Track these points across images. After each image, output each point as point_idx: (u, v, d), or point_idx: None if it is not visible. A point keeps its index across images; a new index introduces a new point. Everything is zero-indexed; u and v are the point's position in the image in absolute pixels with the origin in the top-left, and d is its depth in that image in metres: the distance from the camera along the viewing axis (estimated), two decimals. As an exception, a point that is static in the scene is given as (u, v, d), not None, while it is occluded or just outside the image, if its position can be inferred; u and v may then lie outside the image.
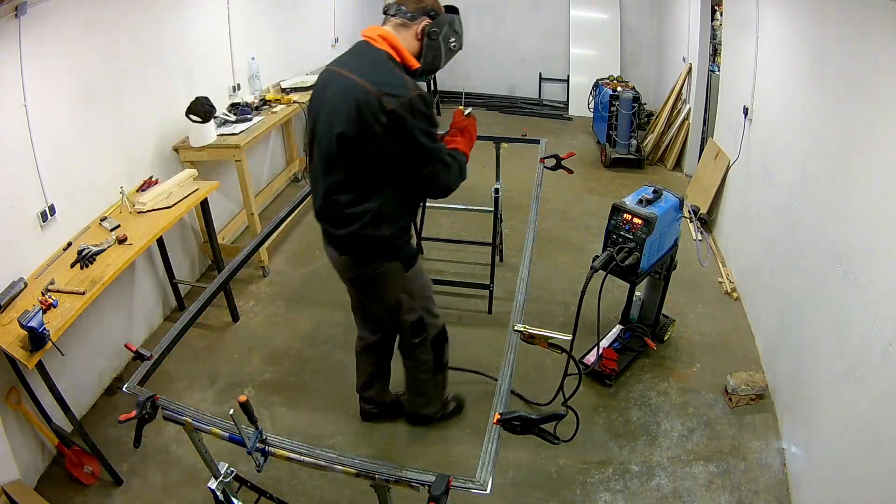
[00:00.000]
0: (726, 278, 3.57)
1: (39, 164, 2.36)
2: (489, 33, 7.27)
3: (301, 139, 5.28)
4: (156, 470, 2.39)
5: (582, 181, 5.08)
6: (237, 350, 3.09)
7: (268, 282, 3.70)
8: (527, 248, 2.09)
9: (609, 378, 2.78)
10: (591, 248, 3.83)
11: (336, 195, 1.86)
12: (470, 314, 3.22)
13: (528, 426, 1.31)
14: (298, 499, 2.24)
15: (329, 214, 1.92)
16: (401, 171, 1.83)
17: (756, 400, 2.65)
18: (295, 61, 4.98)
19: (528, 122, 6.82)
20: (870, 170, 1.99)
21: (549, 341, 1.55)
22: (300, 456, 1.33)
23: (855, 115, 2.15)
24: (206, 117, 3.28)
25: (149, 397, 1.41)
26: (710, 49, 4.93)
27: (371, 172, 1.82)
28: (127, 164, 2.99)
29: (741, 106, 3.60)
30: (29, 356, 1.94)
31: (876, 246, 1.89)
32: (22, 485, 2.11)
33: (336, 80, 1.83)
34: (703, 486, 2.29)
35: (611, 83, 5.84)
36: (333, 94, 1.81)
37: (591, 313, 2.37)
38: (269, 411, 2.67)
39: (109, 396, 2.78)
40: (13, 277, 2.22)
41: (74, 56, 2.56)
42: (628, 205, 2.52)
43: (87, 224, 2.68)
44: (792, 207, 2.72)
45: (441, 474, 1.22)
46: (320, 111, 1.85)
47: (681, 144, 5.34)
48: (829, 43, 2.45)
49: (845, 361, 1.98)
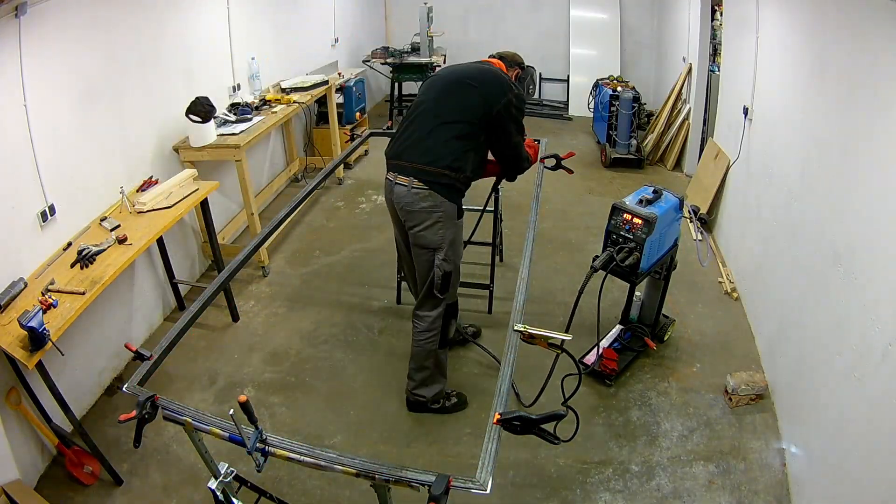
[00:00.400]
0: (726, 278, 3.57)
1: (39, 164, 2.36)
2: (489, 33, 7.27)
3: (301, 139, 5.29)
4: (156, 470, 2.39)
5: (582, 181, 5.08)
6: (237, 350, 3.09)
7: (268, 282, 3.70)
8: (527, 248, 2.09)
9: (609, 378, 2.78)
10: (591, 248, 3.83)
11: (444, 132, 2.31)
12: (470, 314, 3.22)
13: (528, 426, 1.31)
14: (298, 499, 2.24)
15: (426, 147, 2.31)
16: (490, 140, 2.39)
17: (756, 400, 2.65)
18: (295, 61, 4.98)
19: (528, 122, 6.80)
20: (870, 170, 1.99)
21: (549, 341, 1.54)
22: (300, 456, 1.32)
23: (855, 115, 2.15)
24: (206, 117, 3.29)
25: (149, 397, 1.41)
26: (710, 49, 4.93)
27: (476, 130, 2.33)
28: (127, 164, 2.99)
29: (741, 106, 3.60)
30: (29, 356, 1.94)
31: (876, 246, 1.89)
32: (22, 485, 2.11)
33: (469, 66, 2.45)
34: (703, 486, 2.29)
35: (611, 83, 5.84)
36: (469, 70, 2.41)
37: (591, 313, 2.38)
38: (269, 411, 2.68)
39: (109, 396, 2.78)
40: (13, 277, 2.22)
41: (74, 56, 2.56)
42: (628, 205, 2.52)
43: (87, 224, 2.68)
44: (792, 207, 2.72)
45: (441, 474, 1.22)
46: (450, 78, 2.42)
47: (681, 144, 5.34)
48: (829, 43, 2.45)
49: (845, 361, 1.98)
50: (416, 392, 2.60)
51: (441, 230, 2.35)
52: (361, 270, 3.79)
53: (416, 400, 2.62)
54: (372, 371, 2.93)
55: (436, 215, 2.32)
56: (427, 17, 5.94)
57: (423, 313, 2.48)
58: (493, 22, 7.28)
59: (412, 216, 2.36)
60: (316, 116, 5.38)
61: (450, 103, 2.34)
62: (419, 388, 2.59)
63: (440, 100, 2.37)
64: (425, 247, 2.39)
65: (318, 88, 4.59)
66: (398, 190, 2.36)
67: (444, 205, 2.32)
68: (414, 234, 2.39)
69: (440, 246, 2.37)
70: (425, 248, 2.40)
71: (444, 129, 2.30)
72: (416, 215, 2.35)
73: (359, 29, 6.72)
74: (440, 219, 2.33)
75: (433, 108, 2.36)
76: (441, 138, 2.30)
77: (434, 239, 2.36)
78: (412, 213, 2.35)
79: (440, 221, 2.33)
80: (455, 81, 2.39)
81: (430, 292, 2.44)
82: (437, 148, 2.30)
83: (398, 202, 2.38)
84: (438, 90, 2.41)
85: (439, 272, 2.38)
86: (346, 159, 2.96)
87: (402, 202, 2.36)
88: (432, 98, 2.40)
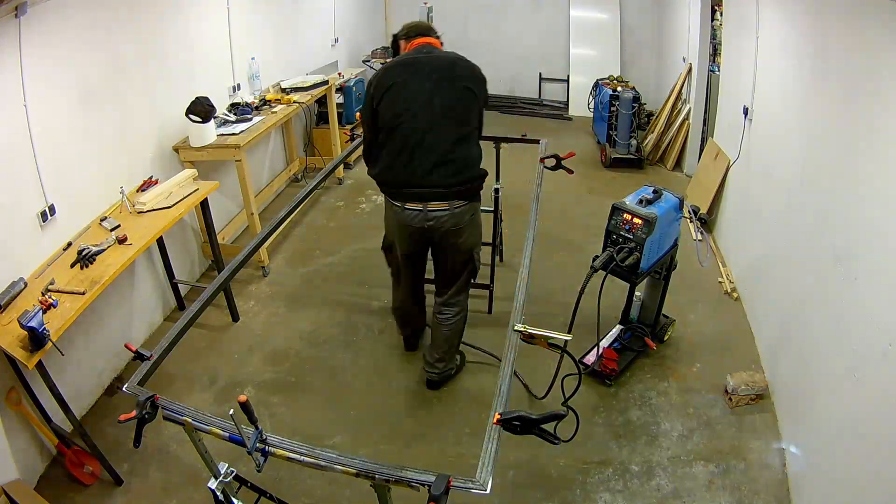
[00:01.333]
0: (726, 278, 3.57)
1: (39, 164, 2.36)
2: (489, 33, 7.27)
3: (301, 139, 5.29)
4: (156, 470, 2.39)
5: (582, 181, 5.08)
6: (237, 350, 3.09)
7: (268, 282, 3.70)
8: (527, 248, 2.09)
9: (609, 378, 2.78)
10: (591, 248, 3.82)
11: (463, 148, 2.31)
12: (470, 314, 3.20)
13: (528, 426, 1.31)
14: (298, 499, 2.24)
15: (455, 168, 2.29)
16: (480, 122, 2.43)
17: (756, 400, 2.65)
18: (295, 61, 4.98)
19: (528, 122, 6.82)
20: (870, 170, 1.99)
21: (549, 341, 1.54)
22: (300, 456, 1.32)
23: (855, 115, 2.15)
24: (206, 117, 3.29)
25: (149, 397, 1.41)
26: (710, 49, 4.93)
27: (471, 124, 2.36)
28: (127, 164, 2.99)
29: (741, 106, 3.60)
30: (29, 356, 1.94)
31: (876, 246, 1.89)
32: (22, 485, 2.11)
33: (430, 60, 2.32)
34: (703, 486, 2.29)
35: (611, 83, 5.84)
36: (449, 66, 2.31)
37: (591, 313, 2.37)
38: (269, 411, 2.67)
39: (109, 396, 2.78)
40: (13, 277, 2.22)
41: (74, 56, 2.56)
42: (628, 205, 2.52)
43: (87, 224, 2.68)
44: (792, 207, 2.72)
45: (441, 474, 1.22)
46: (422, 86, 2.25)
47: (681, 144, 5.34)
48: (829, 43, 2.45)
49: (845, 362, 1.98)
50: (445, 370, 2.72)
51: (479, 228, 2.52)
52: (361, 270, 3.79)
53: (445, 375, 2.74)
54: (372, 371, 2.93)
55: (476, 219, 2.47)
56: (427, 17, 5.94)
57: (455, 299, 2.63)
58: (493, 22, 7.28)
59: (459, 233, 2.41)
60: (316, 116, 5.38)
61: (454, 114, 2.29)
62: (450, 362, 2.73)
63: (439, 112, 2.25)
64: (467, 250, 2.50)
65: (318, 88, 4.60)
66: (438, 215, 2.34)
67: (476, 206, 2.44)
68: (459, 244, 2.45)
69: (479, 242, 2.53)
70: (466, 251, 2.50)
71: (462, 144, 2.32)
72: (463, 231, 2.42)
73: (359, 29, 6.72)
74: (476, 220, 2.47)
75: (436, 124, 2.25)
76: (463, 152, 2.31)
77: (476, 240, 2.52)
78: (459, 231, 2.40)
79: (476, 221, 2.49)
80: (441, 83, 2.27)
81: (467, 282, 2.60)
82: (464, 164, 2.32)
83: (440, 227, 2.36)
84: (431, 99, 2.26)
85: (477, 264, 2.56)
86: (346, 159, 2.96)
87: (446, 226, 2.36)
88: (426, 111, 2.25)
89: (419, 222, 2.36)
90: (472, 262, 2.53)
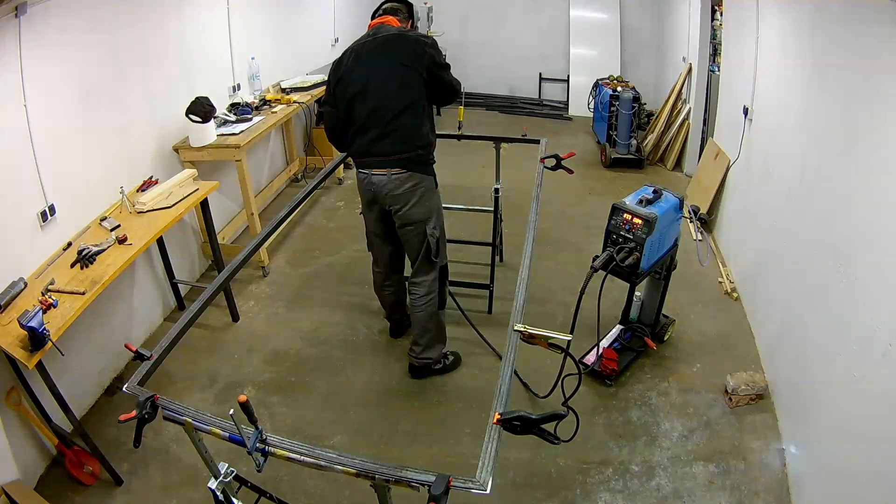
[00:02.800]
0: (726, 278, 3.57)
1: (39, 164, 2.36)
2: (489, 33, 7.28)
3: (301, 139, 5.29)
4: (156, 470, 2.39)
5: (582, 181, 5.08)
6: (237, 350, 3.09)
7: (268, 282, 3.70)
8: (527, 248, 2.09)
9: (609, 378, 2.78)
10: (591, 248, 3.82)
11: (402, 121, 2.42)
12: (470, 314, 3.21)
13: (528, 426, 1.30)
14: (298, 499, 2.24)
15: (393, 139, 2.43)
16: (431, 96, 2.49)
17: (756, 400, 2.65)
18: (295, 61, 4.98)
19: (528, 121, 6.82)
20: (870, 170, 1.99)
21: (549, 341, 1.54)
22: (300, 456, 1.32)
23: (855, 115, 2.15)
24: (206, 117, 3.29)
25: (149, 397, 1.41)
26: (710, 49, 4.93)
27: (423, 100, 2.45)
28: (127, 164, 2.99)
29: (741, 106, 3.60)
30: (29, 356, 1.94)
31: (876, 246, 1.89)
32: (22, 485, 2.11)
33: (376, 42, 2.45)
34: (703, 486, 2.29)
35: (611, 83, 5.84)
36: (383, 45, 2.43)
37: (591, 313, 2.37)
38: (269, 411, 2.67)
39: (109, 396, 2.78)
40: (13, 277, 2.22)
41: (75, 56, 2.56)
42: (628, 205, 2.52)
43: (87, 224, 2.68)
44: (792, 207, 2.72)
45: (441, 474, 1.22)
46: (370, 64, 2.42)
47: (681, 144, 5.34)
48: (829, 43, 2.45)
49: (845, 361, 1.98)
50: (422, 356, 2.78)
51: (427, 202, 2.56)
52: (361, 270, 3.77)
53: (422, 364, 2.80)
54: (372, 371, 2.93)
55: (419, 191, 2.52)
56: (427, 16, 5.95)
57: (420, 279, 2.70)
58: (494, 22, 7.28)
59: (398, 199, 2.52)
60: (316, 116, 5.38)
61: (391, 91, 2.41)
62: (425, 351, 2.78)
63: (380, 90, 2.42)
64: (415, 222, 2.57)
65: (318, 88, 4.59)
66: (377, 180, 2.52)
67: (424, 180, 2.53)
68: (403, 214, 2.56)
69: (429, 217, 2.58)
70: (416, 223, 2.58)
71: (400, 117, 2.42)
72: (402, 197, 2.52)
73: (359, 29, 6.61)
74: (424, 193, 2.54)
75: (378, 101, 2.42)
76: (401, 126, 2.43)
77: (423, 212, 2.56)
78: (397, 196, 2.52)
79: (424, 195, 2.54)
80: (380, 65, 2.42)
81: (426, 259, 2.65)
82: (401, 135, 2.44)
83: (380, 191, 2.53)
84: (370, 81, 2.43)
85: (433, 240, 2.60)
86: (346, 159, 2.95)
87: (385, 190, 2.51)
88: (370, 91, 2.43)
89: (366, 185, 2.58)
90: (426, 240, 2.61)
